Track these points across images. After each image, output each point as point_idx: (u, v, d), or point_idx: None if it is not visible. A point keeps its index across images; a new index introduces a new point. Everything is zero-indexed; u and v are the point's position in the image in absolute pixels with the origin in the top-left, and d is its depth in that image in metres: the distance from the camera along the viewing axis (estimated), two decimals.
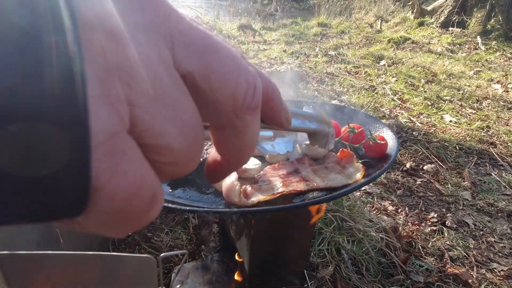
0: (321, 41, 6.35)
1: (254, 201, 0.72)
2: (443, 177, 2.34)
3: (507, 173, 2.44)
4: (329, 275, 1.41)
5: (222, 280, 1.29)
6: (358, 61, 5.09)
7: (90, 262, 0.77)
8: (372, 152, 0.96)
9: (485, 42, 6.12)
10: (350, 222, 1.67)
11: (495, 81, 4.46)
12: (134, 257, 0.79)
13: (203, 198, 0.78)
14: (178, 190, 0.80)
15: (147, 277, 0.80)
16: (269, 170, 0.84)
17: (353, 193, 1.96)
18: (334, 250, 1.54)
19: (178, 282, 1.27)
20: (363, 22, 7.74)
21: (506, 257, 1.69)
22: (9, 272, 0.73)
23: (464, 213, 2.00)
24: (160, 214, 1.76)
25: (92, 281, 0.79)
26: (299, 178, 0.82)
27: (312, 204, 0.90)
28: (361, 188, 1.88)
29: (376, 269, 1.51)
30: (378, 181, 2.19)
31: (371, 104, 3.48)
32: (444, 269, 1.55)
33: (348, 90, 3.92)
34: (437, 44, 6.12)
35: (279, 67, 4.63)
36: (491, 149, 2.75)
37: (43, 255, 0.74)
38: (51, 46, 0.21)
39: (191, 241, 1.58)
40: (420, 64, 4.97)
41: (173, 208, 0.69)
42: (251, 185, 0.76)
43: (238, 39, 5.98)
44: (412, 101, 3.67)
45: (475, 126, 3.15)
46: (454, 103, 3.70)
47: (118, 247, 1.53)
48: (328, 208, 1.73)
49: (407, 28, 7.14)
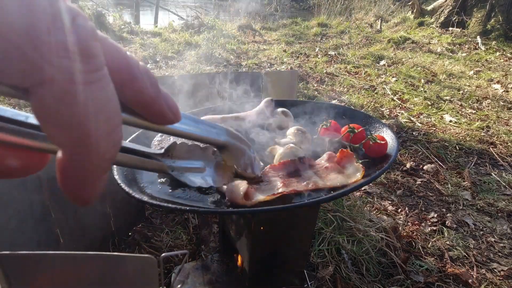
0: (321, 41, 6.35)
1: (254, 201, 0.72)
2: (443, 177, 2.34)
3: (507, 173, 2.44)
4: (329, 275, 1.42)
5: (222, 280, 1.29)
6: (358, 61, 5.09)
7: (90, 262, 0.77)
8: (372, 152, 0.96)
9: (485, 42, 6.12)
10: (350, 222, 1.67)
11: (495, 81, 4.46)
12: (134, 257, 0.79)
13: (203, 198, 0.78)
14: (178, 190, 0.80)
15: (147, 277, 0.80)
16: (269, 170, 0.84)
17: (353, 193, 1.96)
18: (334, 250, 1.54)
19: (179, 282, 1.27)
20: (363, 22, 7.74)
21: (506, 257, 1.69)
22: (10, 272, 0.73)
23: (464, 213, 2.00)
24: (160, 214, 1.76)
25: (92, 281, 0.79)
26: (299, 178, 0.82)
27: (312, 204, 0.90)
28: (361, 188, 1.88)
29: (376, 269, 1.51)
30: (378, 181, 2.19)
31: (371, 104, 3.48)
32: (444, 269, 1.55)
33: (348, 90, 3.92)
34: (437, 44, 6.12)
35: (279, 67, 4.63)
36: (491, 149, 2.75)
37: (43, 255, 0.74)
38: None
39: (191, 241, 1.58)
40: (420, 64, 4.97)
41: (173, 208, 0.69)
42: (251, 185, 0.76)
43: (238, 39, 5.98)
44: (412, 101, 3.67)
45: (475, 126, 3.15)
46: (454, 103, 3.70)
47: (118, 247, 1.53)
48: (328, 208, 1.73)
49: (407, 28, 7.14)
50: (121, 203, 1.53)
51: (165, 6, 8.44)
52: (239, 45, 5.59)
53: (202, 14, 6.84)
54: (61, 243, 1.23)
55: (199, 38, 5.63)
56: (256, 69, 4.48)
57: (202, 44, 5.29)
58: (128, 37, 5.35)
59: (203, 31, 6.02)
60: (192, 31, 6.04)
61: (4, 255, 0.71)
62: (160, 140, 0.91)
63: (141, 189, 0.79)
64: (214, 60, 4.58)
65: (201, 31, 6.04)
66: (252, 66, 4.58)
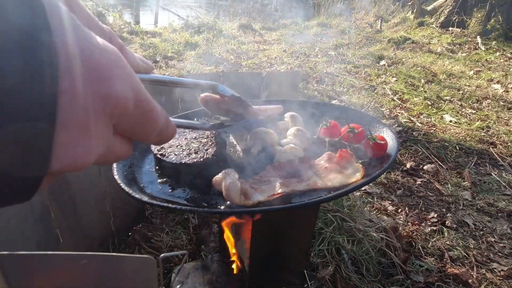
0: (321, 41, 6.35)
1: (254, 201, 0.72)
2: (443, 177, 2.34)
3: (507, 173, 2.44)
4: (329, 275, 1.41)
5: (222, 280, 1.29)
6: (358, 61, 5.09)
7: (90, 262, 0.77)
8: (372, 152, 0.96)
9: (485, 42, 6.12)
10: (350, 222, 1.67)
11: (495, 81, 4.46)
12: (134, 257, 0.79)
13: (203, 198, 0.77)
14: (178, 190, 0.80)
15: (147, 277, 0.80)
16: (269, 170, 0.84)
17: (353, 193, 1.96)
18: (334, 250, 1.54)
19: (178, 282, 1.27)
20: (363, 22, 7.74)
21: (506, 257, 1.69)
22: (9, 272, 0.73)
23: (464, 213, 2.00)
24: (160, 214, 1.75)
25: (92, 281, 0.79)
26: (299, 178, 0.82)
27: (312, 204, 0.90)
28: (361, 188, 1.88)
29: (376, 269, 1.51)
30: (378, 181, 2.18)
31: (371, 104, 3.48)
32: (444, 269, 1.55)
33: (348, 90, 3.92)
34: (437, 44, 6.12)
35: (279, 67, 4.63)
36: (491, 149, 2.75)
37: (43, 255, 0.74)
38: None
39: (191, 241, 1.58)
40: (420, 64, 4.97)
41: (173, 208, 0.69)
42: (251, 185, 0.76)
43: (238, 39, 5.98)
44: (412, 101, 3.67)
45: (475, 126, 3.15)
46: (454, 103, 3.70)
47: (118, 247, 1.53)
48: (328, 208, 1.73)
49: (407, 28, 7.14)
50: (121, 203, 1.53)
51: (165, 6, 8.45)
52: (239, 45, 5.59)
53: (202, 14, 6.83)
54: (61, 243, 1.23)
55: (199, 38, 5.63)
56: (256, 69, 4.48)
57: (202, 44, 5.29)
58: (128, 37, 5.34)
59: (203, 31, 6.02)
60: (192, 31, 6.04)
61: (4, 255, 0.71)
62: None
63: (141, 189, 0.79)
64: (214, 60, 4.58)
65: (201, 31, 6.04)
66: (252, 66, 4.58)
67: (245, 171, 0.84)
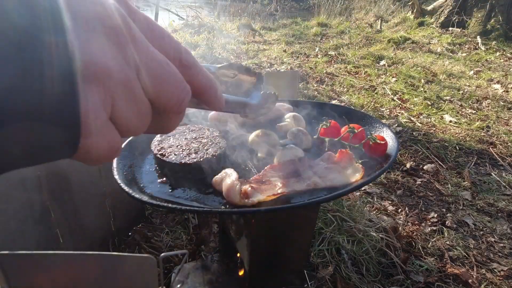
0: (321, 41, 6.35)
1: (254, 201, 0.72)
2: (443, 177, 2.34)
3: (507, 173, 2.44)
4: (329, 275, 1.41)
5: (222, 280, 1.29)
6: (358, 61, 5.09)
7: (90, 262, 0.77)
8: (372, 152, 0.96)
9: (485, 42, 6.12)
10: (350, 222, 1.67)
11: (495, 81, 4.46)
12: (134, 257, 0.79)
13: (203, 198, 0.78)
14: (178, 190, 0.80)
15: (147, 277, 0.80)
16: (269, 170, 0.84)
17: (353, 193, 1.96)
18: (334, 250, 1.54)
19: (178, 282, 1.27)
20: (363, 22, 7.74)
21: (506, 257, 1.69)
22: (10, 272, 0.73)
23: (464, 213, 2.00)
24: (160, 214, 1.75)
25: (92, 281, 0.79)
26: (299, 178, 0.82)
27: (312, 204, 0.90)
28: (361, 188, 1.88)
29: (376, 269, 1.51)
30: (378, 181, 2.19)
31: (371, 104, 3.48)
32: (444, 269, 1.55)
33: (348, 90, 3.92)
34: (437, 44, 6.12)
35: (279, 67, 4.63)
36: (491, 149, 2.75)
37: (43, 255, 0.74)
38: (51, 46, 0.21)
39: (191, 241, 1.58)
40: (420, 64, 4.97)
41: (173, 208, 0.69)
42: (251, 185, 0.76)
43: (238, 39, 5.98)
44: (412, 101, 3.67)
45: (475, 126, 3.15)
46: (454, 103, 3.70)
47: (118, 247, 1.53)
48: (328, 208, 1.73)
49: (407, 28, 7.14)
50: (121, 203, 1.53)
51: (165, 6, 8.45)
52: (239, 45, 5.59)
53: (202, 14, 6.84)
54: (61, 243, 1.23)
55: (199, 38, 5.63)
56: (256, 69, 4.48)
57: (202, 44, 5.29)
58: None
59: (203, 31, 6.02)
60: (192, 31, 6.04)
61: (4, 255, 0.71)
62: (160, 140, 0.91)
63: (141, 189, 0.79)
64: (214, 60, 4.58)
65: (201, 31, 6.04)
66: (252, 66, 4.58)
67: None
